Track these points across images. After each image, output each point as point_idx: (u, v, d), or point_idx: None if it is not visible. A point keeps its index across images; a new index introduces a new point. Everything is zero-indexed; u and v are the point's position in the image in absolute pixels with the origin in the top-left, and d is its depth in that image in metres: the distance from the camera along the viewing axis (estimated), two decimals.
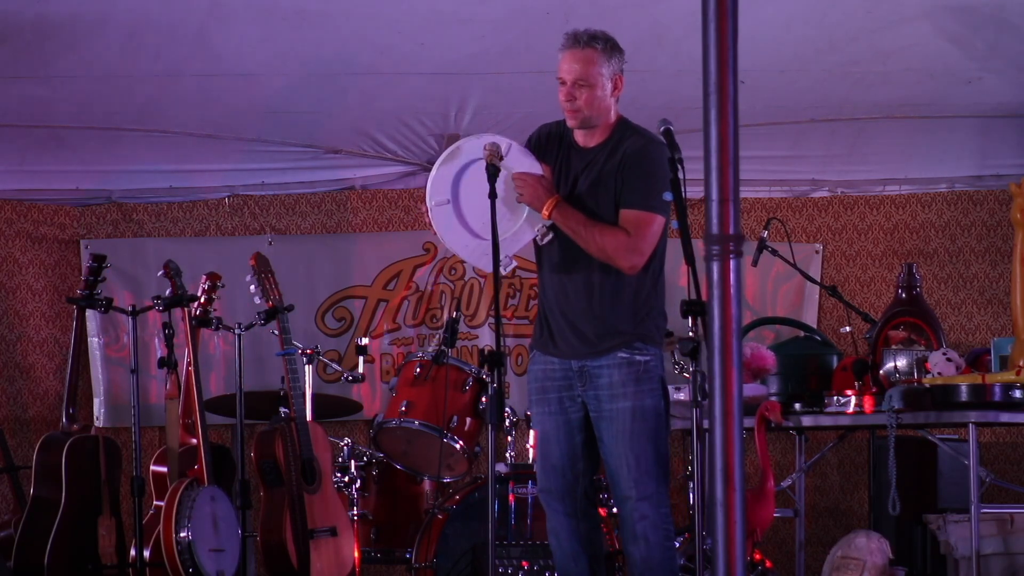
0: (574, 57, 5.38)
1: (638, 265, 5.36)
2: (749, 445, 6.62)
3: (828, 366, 7.20)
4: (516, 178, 5.39)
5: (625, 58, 5.44)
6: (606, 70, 5.38)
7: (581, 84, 5.36)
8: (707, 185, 3.34)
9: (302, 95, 7.59)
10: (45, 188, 8.37)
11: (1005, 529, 7.16)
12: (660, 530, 5.39)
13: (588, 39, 5.37)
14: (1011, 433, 8.51)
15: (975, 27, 7.05)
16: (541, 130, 5.59)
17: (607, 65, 5.38)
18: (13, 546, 6.83)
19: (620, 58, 5.42)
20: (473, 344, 8.49)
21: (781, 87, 7.49)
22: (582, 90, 5.36)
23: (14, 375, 8.33)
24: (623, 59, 5.43)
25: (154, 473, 7.05)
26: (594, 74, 5.36)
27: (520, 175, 5.39)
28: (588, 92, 5.36)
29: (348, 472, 7.18)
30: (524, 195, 5.38)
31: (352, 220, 8.56)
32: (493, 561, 5.35)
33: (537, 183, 5.40)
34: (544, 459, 5.55)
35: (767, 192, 8.70)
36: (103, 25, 6.81)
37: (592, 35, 5.38)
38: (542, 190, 5.39)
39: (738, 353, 3.30)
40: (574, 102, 5.38)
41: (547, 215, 5.37)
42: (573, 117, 5.42)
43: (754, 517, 6.44)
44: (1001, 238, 8.55)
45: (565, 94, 5.39)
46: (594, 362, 5.42)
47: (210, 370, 8.25)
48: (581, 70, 5.35)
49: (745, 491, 3.30)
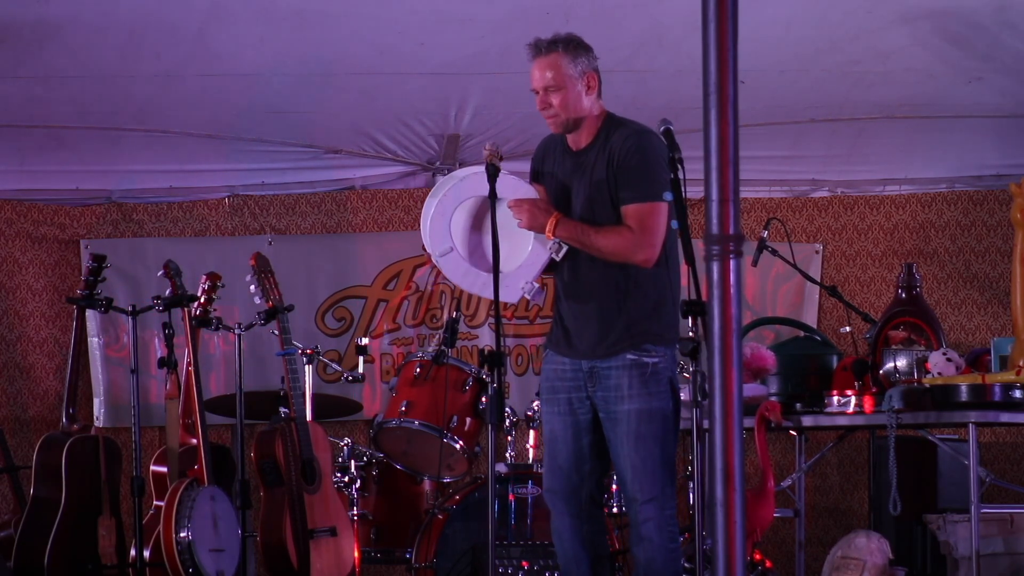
0: (539, 65, 5.41)
1: (651, 258, 5.36)
2: (749, 445, 6.62)
3: (828, 366, 7.20)
4: (512, 206, 5.40)
5: (596, 54, 5.44)
6: (573, 70, 5.39)
7: (551, 89, 5.39)
8: (707, 185, 3.34)
9: (302, 95, 7.59)
10: (45, 188, 8.37)
11: (1005, 529, 7.16)
12: (665, 532, 5.40)
13: (548, 45, 5.41)
14: (1011, 433, 8.51)
15: (975, 27, 7.04)
16: (540, 145, 5.63)
17: (573, 65, 5.39)
18: (13, 546, 6.84)
19: (588, 56, 5.43)
20: (473, 344, 8.49)
21: (781, 87, 7.49)
22: (554, 95, 5.39)
23: (14, 375, 8.33)
24: (593, 56, 5.43)
25: (154, 473, 7.05)
26: (561, 76, 5.38)
27: (516, 202, 5.40)
28: (560, 95, 5.39)
29: (348, 472, 7.19)
30: (523, 221, 5.40)
31: (352, 220, 8.56)
32: (493, 561, 5.36)
33: (533, 207, 5.41)
34: (551, 459, 5.55)
35: (767, 192, 8.70)
36: (103, 25, 6.81)
37: (552, 40, 5.42)
38: (540, 213, 5.40)
39: (738, 353, 3.30)
40: (549, 109, 5.42)
41: (551, 235, 5.38)
42: (554, 123, 5.45)
43: (754, 517, 6.44)
44: (1001, 238, 8.55)
45: (539, 103, 5.43)
46: (603, 363, 5.42)
47: (210, 370, 8.25)
48: (549, 77, 5.39)
49: (745, 491, 3.30)
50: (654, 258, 5.37)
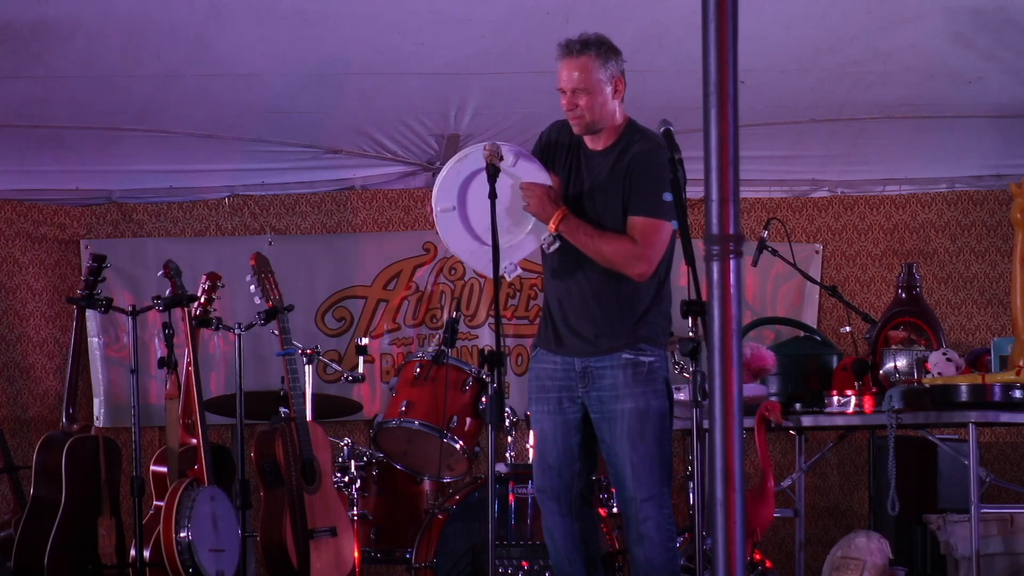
0: (570, 66, 5.39)
1: (647, 273, 5.36)
2: (749, 445, 6.61)
3: (828, 366, 7.20)
4: (524, 188, 5.39)
5: (623, 57, 5.45)
6: (603, 75, 5.39)
7: (580, 91, 5.38)
8: (707, 185, 3.34)
9: (302, 95, 7.59)
10: (45, 188, 8.37)
11: (1005, 529, 7.16)
12: (663, 531, 5.40)
13: (581, 47, 5.39)
14: (1011, 433, 8.51)
15: (975, 27, 7.04)
16: (552, 127, 5.60)
17: (603, 70, 5.39)
18: (13, 546, 6.83)
19: (617, 60, 5.42)
20: (473, 344, 8.49)
21: (781, 87, 7.49)
22: (582, 97, 5.38)
23: (14, 375, 8.33)
24: (621, 60, 5.44)
25: (154, 473, 7.05)
26: (592, 80, 5.38)
27: (528, 185, 5.40)
28: (588, 98, 5.38)
29: (348, 472, 7.19)
30: (531, 204, 5.39)
31: (352, 220, 8.56)
32: (493, 561, 5.35)
33: (545, 195, 5.40)
34: (541, 458, 5.56)
35: (767, 192, 8.70)
36: (103, 25, 6.80)
37: (584, 42, 5.39)
38: (549, 203, 5.39)
39: (738, 353, 3.30)
40: (576, 110, 5.40)
41: (554, 228, 5.38)
42: (577, 124, 5.44)
43: (754, 517, 6.44)
44: (1001, 238, 8.55)
45: (566, 103, 5.41)
46: (597, 362, 5.42)
47: (210, 370, 8.25)
48: (578, 78, 5.37)
49: (745, 491, 3.30)
50: (649, 274, 5.37)
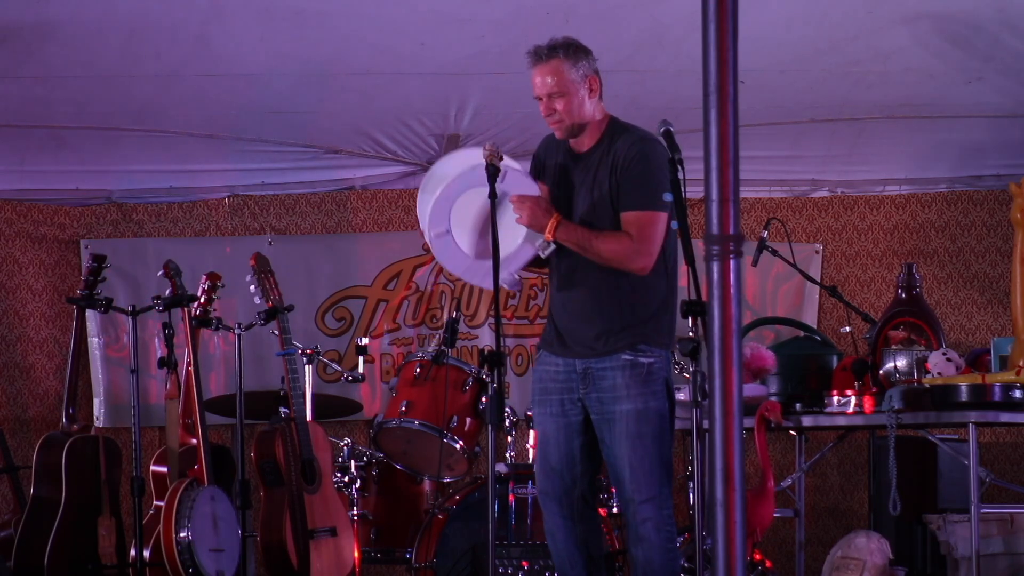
0: (542, 71, 5.41)
1: (647, 266, 5.36)
2: (749, 445, 6.62)
3: (828, 366, 7.20)
4: (514, 201, 5.40)
5: (595, 56, 5.44)
6: (575, 75, 5.40)
7: (556, 96, 5.39)
8: (707, 185, 3.34)
9: (302, 95, 7.59)
10: (45, 188, 8.37)
11: (1005, 529, 7.16)
12: (663, 532, 5.40)
13: (549, 51, 5.40)
14: (1011, 433, 8.51)
15: (975, 27, 7.04)
16: (542, 143, 5.63)
17: (575, 70, 5.40)
18: (13, 546, 6.84)
19: (588, 59, 5.43)
20: (473, 344, 8.49)
21: (781, 87, 7.49)
22: (558, 101, 5.39)
23: (14, 375, 8.33)
24: (592, 59, 5.44)
25: (154, 473, 7.05)
26: (565, 82, 5.39)
27: (518, 198, 5.41)
28: (564, 101, 5.39)
29: (348, 472, 7.19)
30: (523, 217, 5.40)
31: (352, 220, 8.56)
32: (493, 561, 5.35)
33: (535, 205, 5.41)
34: (543, 461, 5.56)
35: (767, 192, 8.70)
36: (103, 25, 6.80)
37: (551, 46, 5.41)
38: (541, 212, 5.40)
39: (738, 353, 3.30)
40: (554, 115, 5.42)
41: (550, 237, 5.39)
42: (558, 129, 5.46)
43: (754, 517, 6.44)
44: (1001, 238, 8.55)
45: (544, 109, 5.44)
46: (598, 363, 5.42)
47: (210, 370, 8.25)
48: (552, 83, 5.39)
49: (745, 491, 3.30)
50: (650, 266, 5.37)
